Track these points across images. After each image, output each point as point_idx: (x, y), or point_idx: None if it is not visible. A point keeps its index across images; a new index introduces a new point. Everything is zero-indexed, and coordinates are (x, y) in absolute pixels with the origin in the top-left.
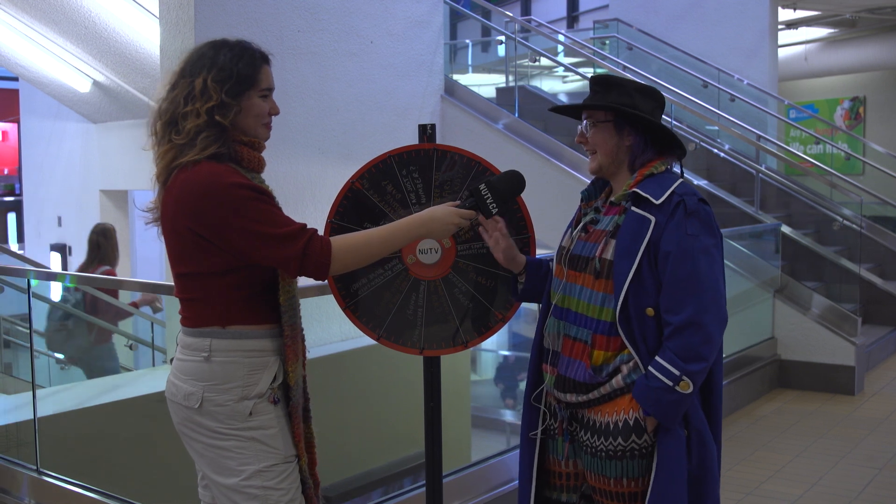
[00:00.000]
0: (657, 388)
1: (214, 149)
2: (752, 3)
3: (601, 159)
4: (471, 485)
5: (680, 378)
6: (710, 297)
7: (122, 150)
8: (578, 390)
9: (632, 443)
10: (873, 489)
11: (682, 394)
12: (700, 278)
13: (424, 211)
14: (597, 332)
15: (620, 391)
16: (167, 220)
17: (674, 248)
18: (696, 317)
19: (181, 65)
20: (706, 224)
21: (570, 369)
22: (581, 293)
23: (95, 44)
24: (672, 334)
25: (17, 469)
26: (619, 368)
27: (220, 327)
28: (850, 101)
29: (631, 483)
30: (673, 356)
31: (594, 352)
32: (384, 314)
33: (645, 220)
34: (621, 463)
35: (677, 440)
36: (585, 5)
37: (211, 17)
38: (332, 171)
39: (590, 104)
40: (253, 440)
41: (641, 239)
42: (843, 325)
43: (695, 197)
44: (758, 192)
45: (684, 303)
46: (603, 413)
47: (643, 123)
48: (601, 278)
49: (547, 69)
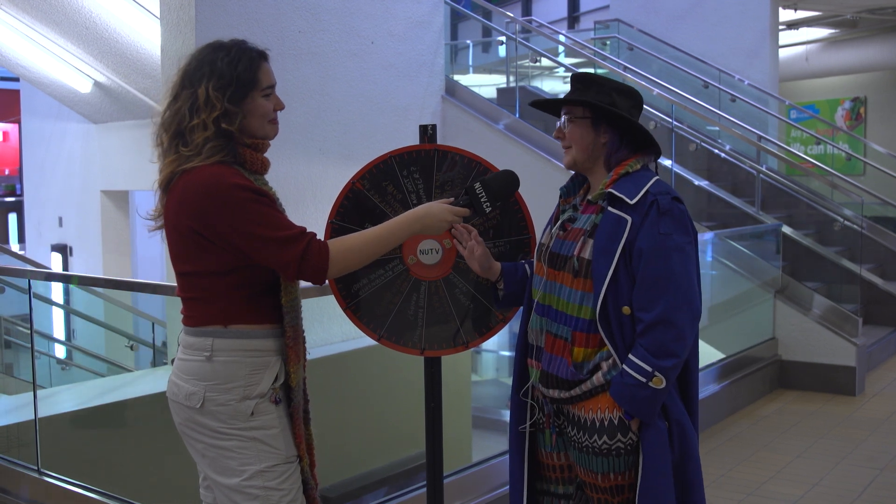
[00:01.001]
0: (631, 384)
1: (220, 157)
2: (752, 3)
3: (576, 154)
4: (471, 485)
5: (652, 374)
6: (682, 295)
7: (122, 150)
8: (561, 386)
9: (617, 441)
10: (874, 490)
11: (655, 389)
12: (672, 276)
13: (419, 207)
14: (576, 330)
15: (601, 388)
16: (170, 219)
17: (647, 246)
18: (668, 314)
19: (180, 75)
20: (679, 222)
21: (553, 365)
22: (561, 291)
23: (96, 44)
24: (644, 331)
25: (18, 469)
26: (600, 365)
27: (221, 327)
28: (850, 101)
29: (618, 477)
30: (645, 353)
31: (574, 349)
32: (385, 315)
33: (621, 220)
34: (608, 459)
35: (659, 434)
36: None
37: (212, 18)
38: (332, 171)
39: (568, 98)
40: (254, 440)
41: (618, 239)
42: (843, 325)
43: (668, 196)
44: (759, 192)
45: (656, 301)
46: (586, 409)
47: (619, 121)
48: (580, 277)
49: (548, 70)
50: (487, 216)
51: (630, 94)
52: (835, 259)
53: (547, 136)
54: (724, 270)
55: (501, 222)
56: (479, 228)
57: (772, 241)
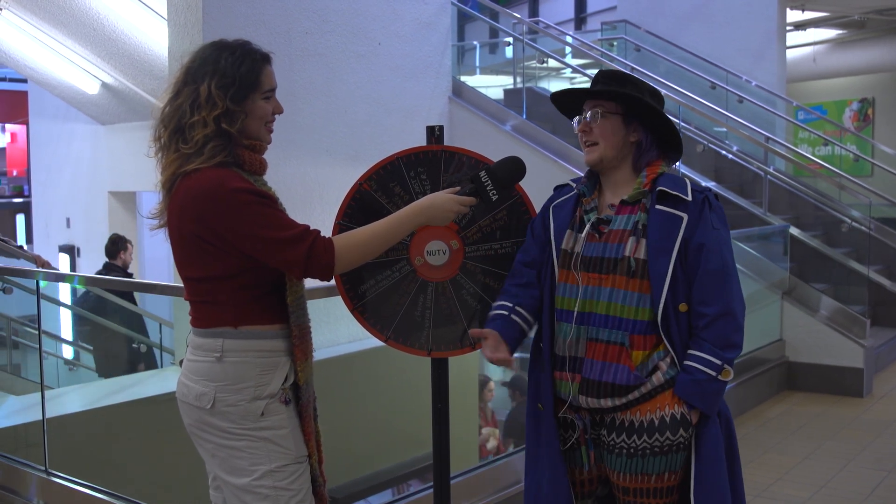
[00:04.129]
0: (702, 380)
1: (221, 157)
2: (760, 4)
3: (604, 151)
4: (479, 486)
5: (721, 367)
6: (737, 288)
7: (130, 151)
8: (617, 393)
9: (679, 437)
10: (882, 492)
11: (724, 382)
12: (728, 270)
13: (424, 198)
14: (634, 333)
15: (661, 388)
16: (173, 225)
17: (707, 241)
18: (728, 307)
19: (183, 71)
20: (723, 218)
21: (607, 373)
22: (613, 295)
23: (104, 46)
24: (707, 325)
25: (26, 470)
26: (658, 366)
27: (232, 328)
28: (858, 102)
29: (672, 476)
30: (711, 347)
31: (633, 352)
32: (392, 315)
33: (675, 217)
34: (666, 458)
35: (715, 427)
36: (593, 7)
37: (219, 19)
38: (339, 172)
39: (606, 89)
40: (265, 440)
41: (675, 236)
42: (851, 327)
43: (712, 193)
44: (766, 193)
45: (717, 294)
46: (643, 412)
47: (654, 121)
48: (636, 278)
49: (555, 71)
50: (493, 204)
51: (659, 96)
52: (842, 260)
53: (554, 137)
54: None
55: (508, 223)
56: (486, 230)
57: (779, 243)
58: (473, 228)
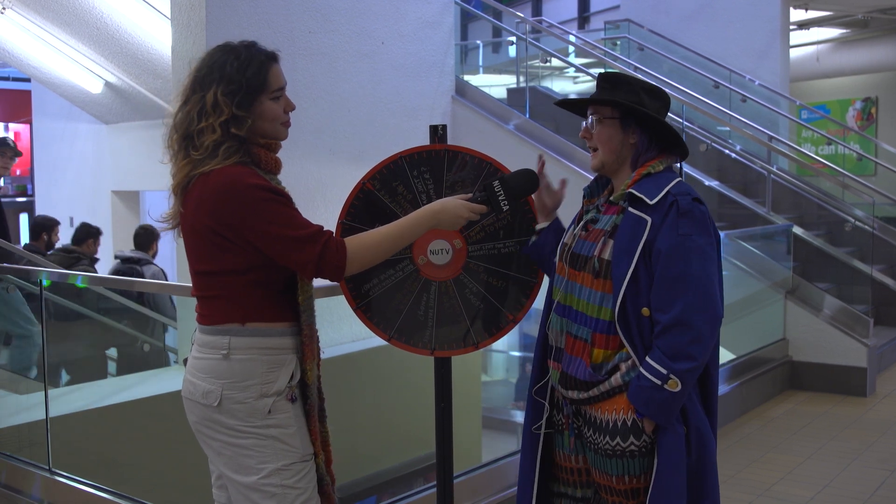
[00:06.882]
0: (647, 387)
1: (237, 157)
2: (763, 3)
3: (604, 156)
4: (482, 485)
5: (668, 377)
6: (701, 297)
7: (133, 151)
8: (579, 387)
9: (630, 444)
10: (885, 491)
11: (671, 392)
12: (690, 278)
13: (435, 202)
14: (596, 331)
15: (618, 389)
16: (188, 219)
17: (665, 246)
18: (685, 316)
19: (191, 78)
20: (700, 223)
21: (572, 366)
22: (581, 292)
23: (107, 45)
24: (660, 333)
25: (30, 469)
26: (618, 366)
27: (239, 325)
28: (861, 101)
29: (633, 480)
30: (661, 355)
31: (594, 350)
32: (395, 315)
33: (641, 220)
34: (622, 461)
35: (676, 437)
36: (596, 6)
37: (222, 19)
38: (343, 171)
39: (598, 98)
40: (272, 438)
41: (638, 239)
42: (854, 326)
43: (689, 196)
44: (769, 193)
45: (673, 302)
46: (603, 410)
47: (649, 122)
48: (599, 278)
49: (558, 70)
50: (503, 215)
51: (658, 93)
52: (846, 260)
53: (557, 136)
54: (735, 271)
55: (512, 223)
56: (490, 229)
57: (782, 242)
58: (476, 228)
